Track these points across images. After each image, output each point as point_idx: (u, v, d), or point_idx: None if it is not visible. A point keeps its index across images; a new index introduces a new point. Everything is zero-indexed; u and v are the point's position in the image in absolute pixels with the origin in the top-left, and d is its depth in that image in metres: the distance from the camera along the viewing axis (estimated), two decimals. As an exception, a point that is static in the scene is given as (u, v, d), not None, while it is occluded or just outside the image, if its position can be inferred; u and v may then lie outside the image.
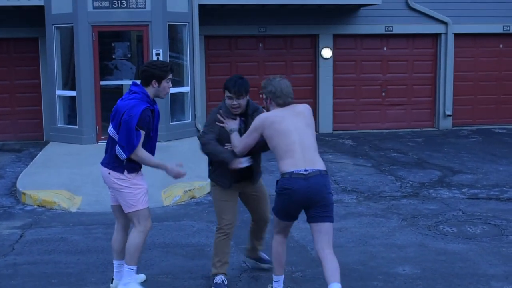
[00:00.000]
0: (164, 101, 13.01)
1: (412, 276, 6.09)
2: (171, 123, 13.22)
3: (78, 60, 12.76)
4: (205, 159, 11.13)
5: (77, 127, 12.95)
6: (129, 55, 13.69)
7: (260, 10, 14.68)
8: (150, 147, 5.57)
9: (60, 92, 13.34)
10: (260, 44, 15.24)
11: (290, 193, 5.10)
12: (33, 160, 11.58)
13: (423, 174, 10.57)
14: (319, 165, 5.18)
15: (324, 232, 5.20)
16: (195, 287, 5.85)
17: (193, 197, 9.23)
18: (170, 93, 13.17)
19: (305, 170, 5.08)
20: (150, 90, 5.46)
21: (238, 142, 5.52)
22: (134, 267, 5.50)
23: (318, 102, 15.34)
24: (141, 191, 5.52)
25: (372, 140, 14.18)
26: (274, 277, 5.49)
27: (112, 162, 5.43)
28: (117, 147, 5.34)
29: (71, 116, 13.27)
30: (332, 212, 5.23)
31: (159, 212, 8.53)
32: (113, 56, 13.52)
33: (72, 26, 12.77)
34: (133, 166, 5.44)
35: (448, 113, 15.78)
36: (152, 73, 5.41)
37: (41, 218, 8.37)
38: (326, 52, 15.18)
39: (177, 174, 5.57)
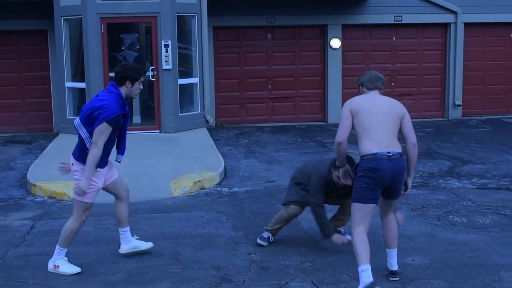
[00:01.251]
0: (173, 92, 13.04)
1: (421, 266, 6.09)
2: (180, 114, 13.23)
3: (87, 52, 12.79)
4: (214, 150, 11.14)
5: (86, 118, 12.95)
6: (137, 47, 13.71)
7: (268, 0, 14.64)
8: (119, 144, 6.11)
9: (69, 84, 13.38)
10: (269, 34, 15.22)
11: (377, 173, 5.43)
12: (43, 152, 11.64)
13: (432, 164, 10.54)
14: (398, 147, 5.56)
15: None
16: (205, 277, 5.87)
17: (203, 188, 9.25)
18: (180, 84, 13.24)
19: (388, 152, 5.46)
20: (123, 90, 5.89)
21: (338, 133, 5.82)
22: (65, 250, 6.05)
23: (327, 92, 15.31)
24: (94, 187, 5.89)
25: (381, 131, 14.11)
26: (363, 266, 5.38)
27: (77, 155, 5.88)
28: (88, 143, 5.77)
29: (81, 107, 13.25)
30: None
31: (169, 203, 8.56)
32: (122, 48, 13.54)
33: (81, 18, 12.79)
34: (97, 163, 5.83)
35: (457, 103, 15.71)
36: (126, 74, 5.85)
37: (51, 209, 8.42)
38: (335, 42, 15.13)
39: (83, 192, 5.80)
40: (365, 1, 14.99)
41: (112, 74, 12.91)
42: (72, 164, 5.90)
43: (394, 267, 5.81)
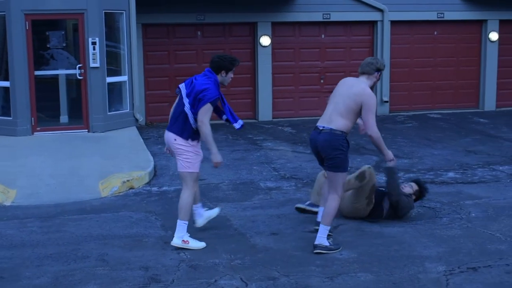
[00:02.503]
0: (101, 91, 12.83)
1: (349, 260, 6.18)
2: (108, 113, 13.01)
3: (11, 50, 12.42)
4: (143, 149, 11.01)
5: (11, 118, 12.61)
6: (64, 44, 13.40)
7: (197, -2, 14.59)
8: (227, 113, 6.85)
9: (-7, 83, 12.98)
10: (199, 32, 15.15)
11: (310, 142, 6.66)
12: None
13: (360, 160, 10.72)
14: (335, 125, 6.32)
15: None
16: (133, 278, 5.79)
17: (132, 188, 9.12)
18: (108, 83, 13.02)
19: (322, 127, 6.37)
20: (218, 78, 6.61)
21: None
22: (187, 223, 6.55)
23: (257, 90, 15.36)
24: (198, 157, 6.61)
25: (311, 127, 14.21)
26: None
27: (179, 130, 6.54)
28: (191, 118, 6.49)
29: (5, 107, 12.91)
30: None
31: (97, 203, 8.41)
32: (48, 46, 13.21)
33: (4, 14, 12.42)
34: (196, 137, 6.57)
35: (385, 99, 16.04)
36: (222, 64, 6.60)
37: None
38: (265, 40, 15.20)
39: (218, 163, 6.61)
40: (294, -1, 15.13)
41: (37, 73, 12.71)
42: (175, 140, 6.54)
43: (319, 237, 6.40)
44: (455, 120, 15.17)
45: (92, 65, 12.67)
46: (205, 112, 6.45)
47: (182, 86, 6.65)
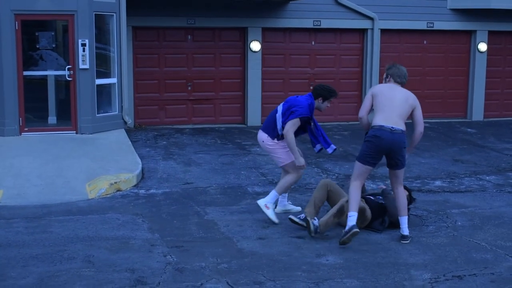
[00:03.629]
0: (90, 92, 12.79)
1: (335, 266, 6.20)
2: (97, 115, 12.97)
3: (0, 50, 12.35)
4: (131, 151, 10.97)
5: (-1, 118, 12.55)
6: (54, 45, 13.35)
7: (188, 1, 14.59)
8: (310, 134, 7.83)
9: (-19, 82, 12.89)
10: (189, 36, 15.15)
11: (377, 140, 6.83)
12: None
13: (348, 167, 10.75)
14: (402, 126, 6.94)
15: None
16: (119, 280, 5.77)
17: (119, 190, 9.10)
18: (97, 85, 12.99)
19: (392, 127, 6.84)
20: (315, 102, 7.63)
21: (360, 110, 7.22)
22: (277, 196, 7.70)
23: (246, 95, 15.38)
24: (285, 149, 7.60)
25: (300, 133, 14.30)
26: (351, 212, 6.84)
27: (268, 132, 7.68)
28: (279, 125, 7.57)
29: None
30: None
31: (84, 205, 8.39)
32: (37, 46, 13.16)
33: (-6, 14, 12.36)
34: (280, 138, 7.64)
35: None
36: (320, 93, 7.61)
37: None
38: (255, 45, 15.23)
39: (300, 166, 7.58)
40: (285, 6, 15.16)
41: (26, 73, 12.65)
42: (263, 141, 7.75)
43: (405, 232, 6.99)
44: (443, 129, 15.25)
45: (81, 66, 12.63)
46: (292, 125, 7.42)
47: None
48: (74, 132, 12.72)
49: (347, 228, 6.76)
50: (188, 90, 15.24)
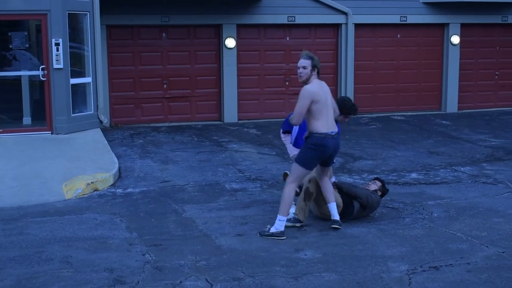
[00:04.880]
0: (64, 92, 12.71)
1: (313, 260, 6.24)
2: (72, 115, 12.89)
3: (-28, 51, 12.25)
4: (108, 151, 10.88)
5: (-28, 120, 12.43)
6: (27, 45, 13.24)
7: (162, -1, 14.56)
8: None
9: (-47, 84, 12.76)
10: (164, 34, 15.11)
11: (324, 148, 6.93)
12: None
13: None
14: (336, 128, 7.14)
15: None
16: (98, 280, 5.76)
17: (96, 190, 9.06)
18: (72, 84, 12.91)
19: (332, 132, 6.99)
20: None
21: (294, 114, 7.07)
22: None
23: (222, 91, 15.37)
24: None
25: (277, 129, 14.32)
26: (282, 217, 6.96)
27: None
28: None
29: (-35, 109, 12.72)
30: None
31: (60, 205, 8.34)
32: (10, 46, 13.04)
33: (-35, 14, 12.23)
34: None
35: (349, 101, 16.15)
36: (343, 106, 7.60)
37: None
38: (230, 42, 15.22)
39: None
40: (258, 2, 15.17)
41: (0, 74, 12.58)
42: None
43: (336, 217, 7.18)
44: (418, 122, 15.39)
45: (55, 66, 12.54)
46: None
47: None
48: (50, 132, 12.63)
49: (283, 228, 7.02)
50: (164, 88, 15.20)
